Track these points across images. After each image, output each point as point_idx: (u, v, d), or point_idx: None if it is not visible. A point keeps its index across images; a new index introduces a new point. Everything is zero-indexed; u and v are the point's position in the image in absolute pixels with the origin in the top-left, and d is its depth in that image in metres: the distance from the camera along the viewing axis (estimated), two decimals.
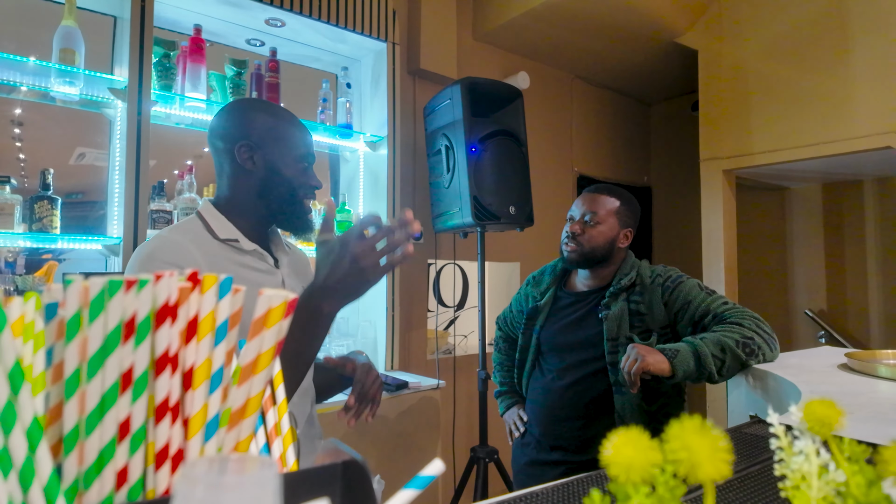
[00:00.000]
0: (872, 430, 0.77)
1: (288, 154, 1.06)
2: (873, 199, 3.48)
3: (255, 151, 1.04)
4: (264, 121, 1.05)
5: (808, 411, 0.32)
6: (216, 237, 1.03)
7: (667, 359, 1.23)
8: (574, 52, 3.31)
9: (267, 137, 1.04)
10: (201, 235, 1.03)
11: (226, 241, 1.03)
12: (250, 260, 1.05)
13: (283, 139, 1.06)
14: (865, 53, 2.63)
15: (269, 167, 1.04)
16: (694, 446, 0.25)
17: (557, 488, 0.64)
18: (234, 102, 1.10)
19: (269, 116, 1.06)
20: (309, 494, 0.35)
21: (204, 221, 1.05)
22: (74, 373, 0.32)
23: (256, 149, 1.04)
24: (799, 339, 3.70)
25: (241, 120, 1.05)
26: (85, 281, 0.32)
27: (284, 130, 1.06)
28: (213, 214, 1.06)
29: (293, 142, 1.07)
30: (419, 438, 2.20)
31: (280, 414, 0.45)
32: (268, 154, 1.04)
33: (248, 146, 1.03)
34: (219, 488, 0.23)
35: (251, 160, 1.04)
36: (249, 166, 1.04)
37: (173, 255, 0.96)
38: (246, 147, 1.03)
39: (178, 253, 0.97)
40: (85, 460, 0.32)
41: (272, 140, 1.05)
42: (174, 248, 0.97)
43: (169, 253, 0.96)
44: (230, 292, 0.38)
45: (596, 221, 1.51)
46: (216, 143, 1.07)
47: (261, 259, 1.07)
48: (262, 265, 1.06)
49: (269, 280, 1.06)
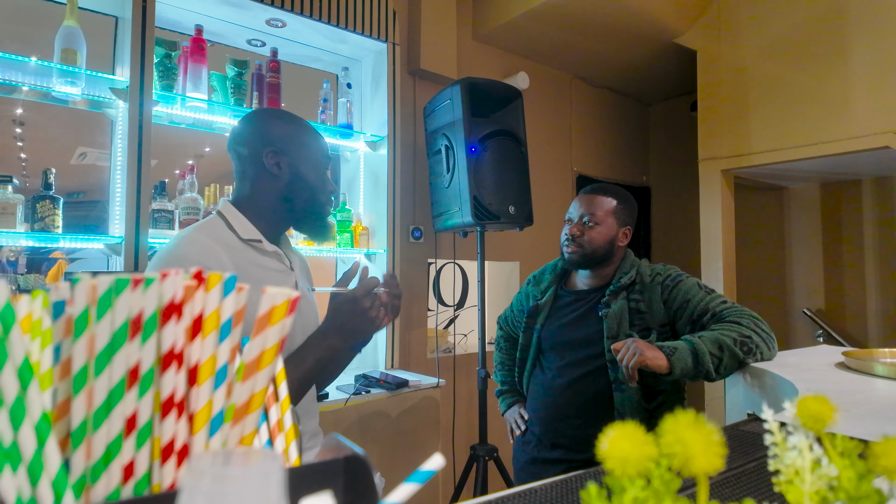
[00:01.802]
0: (868, 427, 0.78)
1: (310, 160, 1.12)
2: (871, 198, 3.49)
3: (280, 157, 1.09)
4: (287, 128, 1.12)
5: (802, 407, 0.33)
6: (239, 237, 1.07)
7: (665, 355, 1.24)
8: (573, 52, 3.31)
9: (291, 144, 1.11)
10: (225, 235, 1.06)
11: (248, 242, 1.07)
12: (270, 262, 1.10)
13: (306, 146, 1.12)
14: (864, 54, 2.63)
15: (293, 172, 1.11)
16: (688, 440, 0.26)
17: (556, 484, 0.65)
18: (257, 111, 1.17)
19: (290, 125, 1.13)
20: (311, 489, 0.36)
21: (226, 221, 1.09)
22: (82, 369, 0.33)
23: (282, 154, 1.09)
24: (797, 338, 3.71)
25: (266, 127, 1.11)
26: (92, 279, 0.33)
27: (306, 137, 1.13)
28: (235, 215, 1.10)
29: (314, 148, 1.14)
30: (419, 437, 2.20)
31: (283, 410, 0.46)
32: (293, 159, 1.11)
33: (275, 152, 1.09)
34: (225, 480, 0.23)
35: (277, 165, 1.09)
36: (276, 171, 1.10)
37: (204, 258, 0.99)
38: (272, 153, 1.09)
39: (208, 255, 0.99)
40: (92, 455, 0.33)
41: (297, 146, 1.11)
42: (204, 250, 1.00)
43: (200, 255, 0.99)
44: (234, 290, 0.39)
45: (594, 222, 1.51)
46: (240, 150, 1.11)
47: (279, 261, 1.12)
48: (280, 266, 1.11)
49: (286, 281, 1.11)
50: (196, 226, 1.08)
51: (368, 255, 2.55)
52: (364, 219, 2.62)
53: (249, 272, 1.03)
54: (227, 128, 2.25)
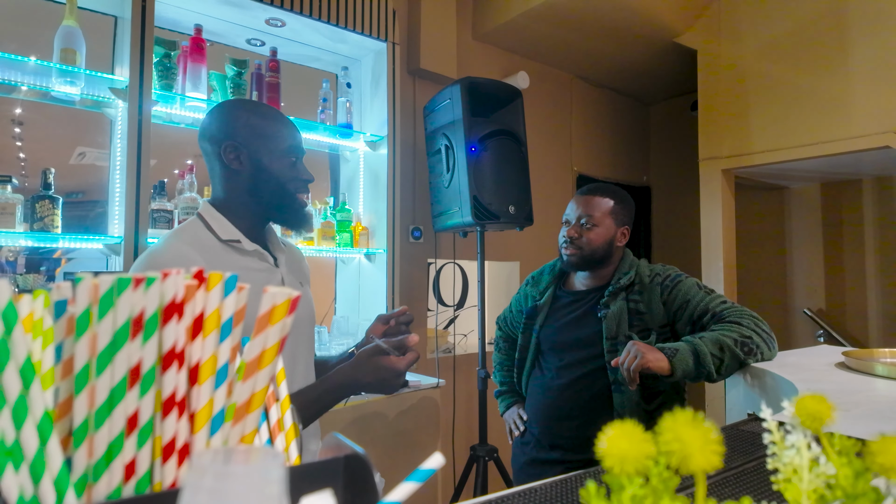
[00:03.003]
0: (868, 427, 0.78)
1: (273, 150, 1.07)
2: (872, 198, 3.49)
3: (240, 151, 1.05)
4: (246, 119, 1.06)
5: (800, 407, 0.33)
6: (219, 238, 1.04)
7: (666, 357, 1.24)
8: (574, 52, 3.31)
9: (250, 136, 1.06)
10: (204, 238, 1.04)
11: (228, 242, 1.05)
12: (251, 261, 1.07)
13: (267, 136, 1.07)
14: (864, 53, 2.63)
15: (255, 165, 1.06)
16: (686, 438, 0.26)
17: (555, 484, 0.65)
18: (219, 105, 1.11)
19: (250, 115, 1.07)
20: (312, 488, 0.36)
21: (205, 223, 1.06)
22: (84, 368, 0.33)
23: (241, 148, 1.05)
24: (797, 338, 3.71)
25: (225, 121, 1.06)
26: (94, 279, 0.33)
27: (267, 127, 1.07)
28: (214, 215, 1.07)
29: (277, 137, 1.07)
30: (419, 437, 2.21)
31: (283, 410, 0.46)
32: (253, 152, 1.06)
33: (234, 146, 1.05)
34: (226, 478, 0.24)
35: (237, 160, 1.05)
36: (236, 166, 1.05)
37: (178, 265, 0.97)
38: (231, 147, 1.05)
39: (182, 263, 0.97)
40: (94, 453, 0.33)
41: (256, 138, 1.06)
42: (178, 257, 0.98)
43: (174, 263, 0.97)
44: (235, 290, 0.39)
45: (592, 224, 1.51)
46: (205, 146, 1.08)
47: (261, 259, 1.08)
48: (262, 265, 1.08)
49: (270, 279, 1.08)
50: (176, 230, 1.06)
51: (368, 255, 2.55)
52: (364, 219, 2.62)
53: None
54: None
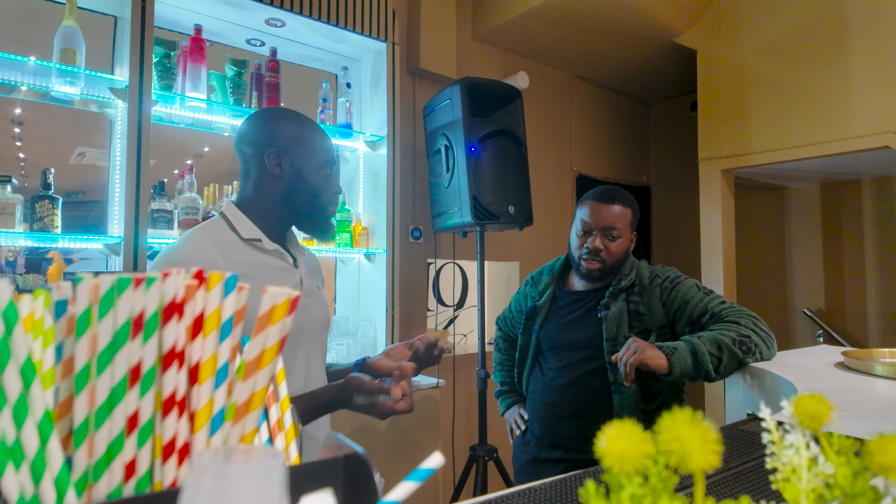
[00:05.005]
0: (867, 426, 0.78)
1: (312, 160, 1.13)
2: (871, 198, 3.49)
3: (282, 157, 1.10)
4: (291, 129, 1.12)
5: (799, 406, 0.33)
6: (240, 237, 1.08)
7: (664, 355, 1.24)
8: (573, 52, 3.31)
9: (294, 144, 1.12)
10: (225, 236, 1.08)
11: (249, 241, 1.09)
12: (271, 260, 1.11)
13: (309, 146, 1.13)
14: (864, 53, 2.64)
15: (295, 173, 1.11)
16: (684, 437, 0.26)
17: (555, 483, 0.65)
18: (263, 110, 1.18)
19: (295, 125, 1.14)
20: (312, 487, 0.36)
21: (228, 221, 1.10)
22: (84, 368, 0.33)
23: (284, 155, 1.10)
24: (797, 338, 3.71)
25: (270, 127, 1.12)
26: (95, 279, 0.33)
27: (309, 138, 1.14)
28: (237, 215, 1.11)
29: (318, 148, 1.14)
30: (419, 437, 2.21)
31: (283, 409, 0.46)
32: (295, 160, 1.11)
33: (277, 153, 1.10)
34: (226, 477, 0.24)
35: (279, 166, 1.11)
36: (277, 172, 1.11)
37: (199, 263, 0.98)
38: (274, 154, 1.10)
39: (203, 260, 1.00)
40: (94, 453, 0.33)
41: (299, 146, 1.12)
42: (199, 254, 1.02)
43: (194, 260, 1.00)
44: (235, 290, 0.39)
45: (616, 235, 1.49)
46: (244, 149, 1.13)
47: (281, 258, 1.12)
48: (282, 264, 1.12)
49: (288, 278, 1.12)
50: (197, 228, 1.10)
51: (368, 255, 2.55)
52: (363, 219, 2.62)
53: (248, 272, 1.04)
54: (226, 127, 2.25)
